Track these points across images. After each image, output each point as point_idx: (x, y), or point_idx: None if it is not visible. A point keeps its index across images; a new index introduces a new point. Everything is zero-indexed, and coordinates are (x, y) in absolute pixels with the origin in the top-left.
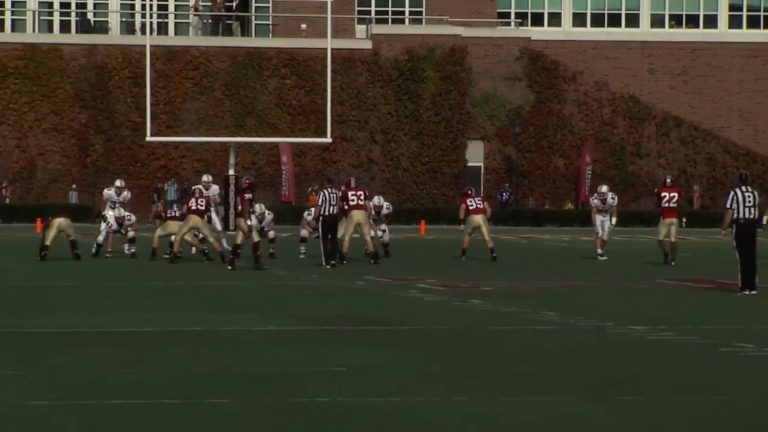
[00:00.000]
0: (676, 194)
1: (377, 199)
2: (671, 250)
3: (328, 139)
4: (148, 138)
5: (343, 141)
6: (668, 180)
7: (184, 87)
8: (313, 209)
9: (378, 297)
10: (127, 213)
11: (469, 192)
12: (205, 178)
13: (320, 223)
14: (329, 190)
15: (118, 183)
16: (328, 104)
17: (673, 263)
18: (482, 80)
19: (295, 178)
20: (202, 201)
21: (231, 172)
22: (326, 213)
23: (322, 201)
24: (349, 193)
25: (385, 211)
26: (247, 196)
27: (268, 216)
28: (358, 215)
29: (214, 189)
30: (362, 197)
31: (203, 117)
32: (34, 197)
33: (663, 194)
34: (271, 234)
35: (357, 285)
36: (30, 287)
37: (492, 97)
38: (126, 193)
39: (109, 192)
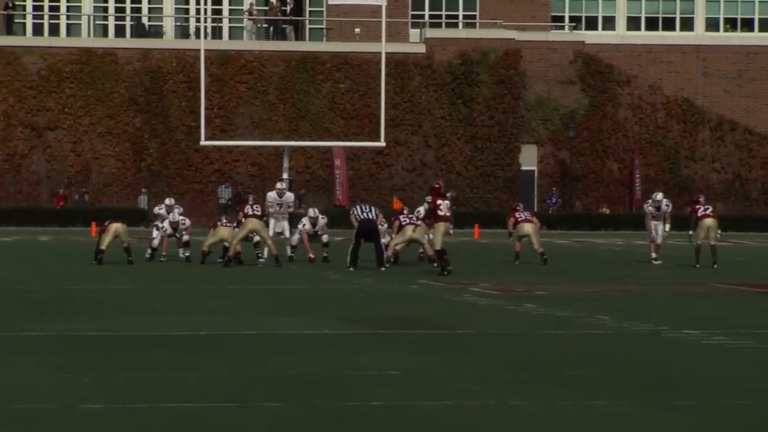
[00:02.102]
0: (710, 206)
1: (312, 212)
2: (711, 253)
3: (382, 143)
4: (203, 142)
5: (397, 145)
6: (701, 198)
7: (238, 91)
8: (304, 219)
9: (432, 301)
10: (181, 217)
11: (518, 207)
12: (279, 185)
13: (357, 228)
14: (364, 206)
15: (167, 201)
16: (382, 108)
17: (714, 266)
18: (536, 84)
19: (348, 182)
20: (257, 207)
21: (285, 176)
22: (365, 217)
23: (356, 213)
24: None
25: (321, 222)
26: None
27: (322, 220)
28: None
29: (289, 197)
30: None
31: (257, 121)
32: (89, 201)
33: (697, 207)
34: (325, 238)
35: (411, 289)
36: (85, 291)
37: (545, 100)
38: (177, 211)
39: (159, 210)
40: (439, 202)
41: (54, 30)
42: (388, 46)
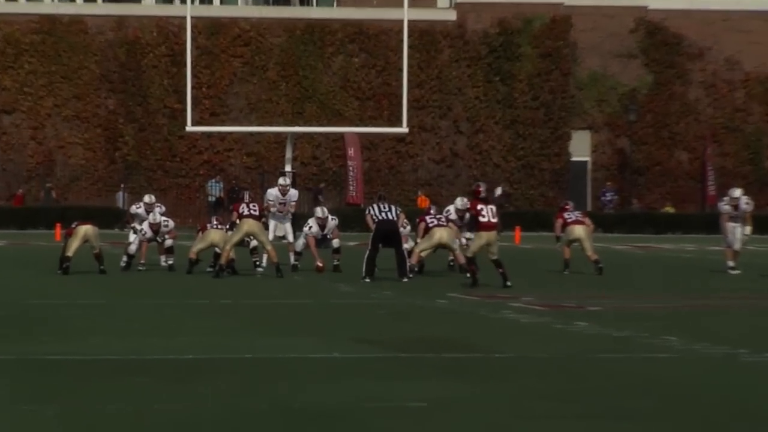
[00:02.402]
0: None
1: (320, 211)
2: None
3: (404, 129)
4: (189, 128)
5: (422, 131)
6: None
7: (231, 66)
8: (311, 221)
9: (464, 318)
10: (164, 218)
11: (567, 206)
12: (282, 180)
13: (374, 231)
14: (382, 205)
15: (147, 199)
16: (404, 87)
17: None
18: (589, 58)
19: (364, 176)
20: (254, 206)
21: (288, 168)
22: (383, 218)
23: (373, 213)
24: (479, 207)
25: (331, 224)
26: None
27: (332, 221)
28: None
29: (293, 194)
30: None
31: (254, 102)
32: (54, 198)
33: None
34: (336, 243)
35: (439, 304)
36: (48, 306)
37: (601, 77)
38: (159, 211)
39: (137, 209)
40: (480, 207)
41: None
42: (411, 12)
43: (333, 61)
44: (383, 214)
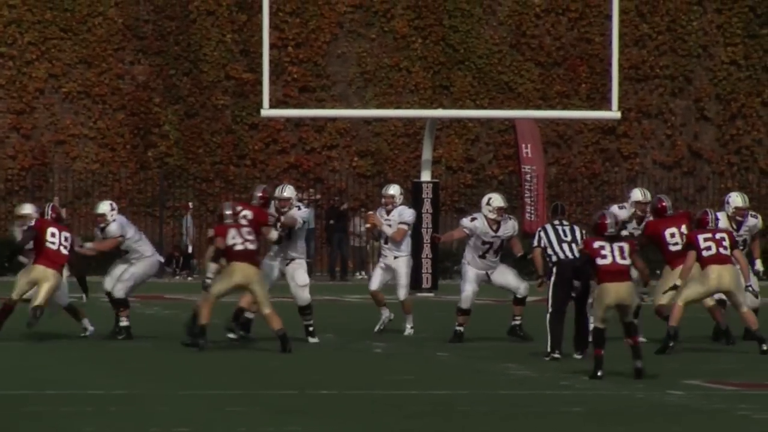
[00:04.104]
0: None
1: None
2: None
3: (614, 113)
4: (266, 111)
5: (643, 117)
6: None
7: (334, 13)
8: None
9: (726, 426)
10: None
11: None
12: (391, 190)
13: (554, 278)
14: (558, 224)
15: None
16: (614, 46)
17: None
18: None
19: (547, 188)
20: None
21: (426, 176)
22: (568, 256)
23: (545, 243)
24: (700, 237)
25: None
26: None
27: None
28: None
29: (404, 214)
30: (725, 243)
31: (371, 71)
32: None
33: None
34: (522, 290)
35: (672, 398)
36: (45, 398)
37: None
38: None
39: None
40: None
41: None
42: None
43: (498, 2)
44: (564, 248)
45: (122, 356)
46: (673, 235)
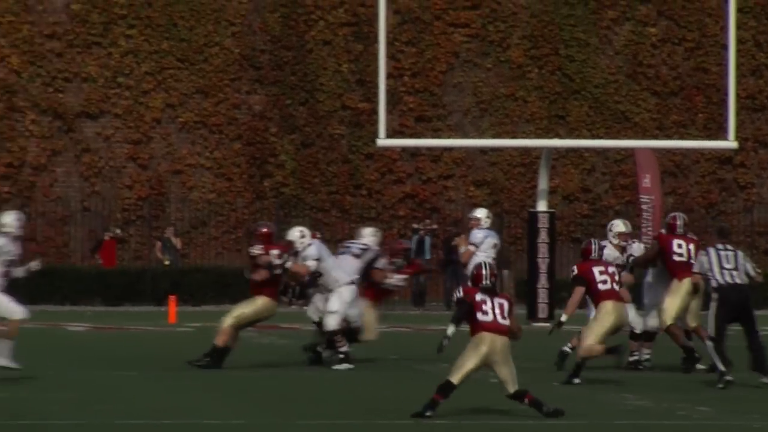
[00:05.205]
0: None
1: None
2: None
3: (731, 143)
4: (382, 141)
5: (760, 146)
6: None
7: (451, 42)
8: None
9: None
10: None
11: None
12: (479, 213)
13: (717, 303)
14: (722, 249)
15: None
16: (731, 73)
17: None
18: None
19: (664, 218)
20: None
21: (542, 206)
22: (728, 281)
23: (706, 268)
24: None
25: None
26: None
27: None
28: None
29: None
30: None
31: (488, 100)
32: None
33: None
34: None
35: None
36: None
37: None
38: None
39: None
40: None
41: None
42: None
43: (614, 32)
44: (726, 274)
45: (239, 386)
46: (680, 246)
